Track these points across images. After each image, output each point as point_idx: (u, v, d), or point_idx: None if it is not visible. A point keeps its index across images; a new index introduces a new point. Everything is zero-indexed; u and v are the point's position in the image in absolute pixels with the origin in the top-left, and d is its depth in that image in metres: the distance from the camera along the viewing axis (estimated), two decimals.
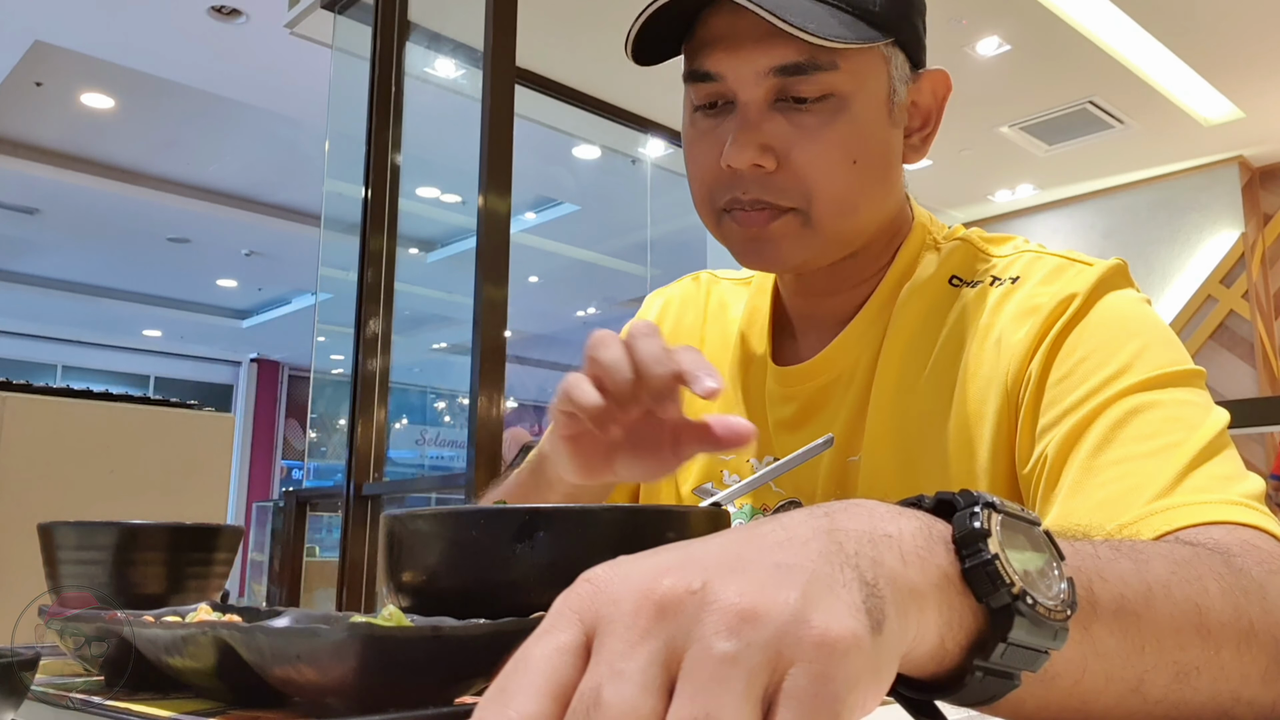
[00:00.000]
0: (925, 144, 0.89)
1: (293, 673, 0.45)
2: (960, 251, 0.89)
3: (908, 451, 0.83)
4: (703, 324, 1.03)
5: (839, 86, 0.80)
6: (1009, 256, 0.87)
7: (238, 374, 11.70)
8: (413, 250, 6.00)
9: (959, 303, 0.86)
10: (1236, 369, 5.41)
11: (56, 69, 5.10)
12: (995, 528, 0.37)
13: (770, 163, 0.80)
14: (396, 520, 0.57)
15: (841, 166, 0.81)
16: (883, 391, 0.85)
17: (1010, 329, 0.81)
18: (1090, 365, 0.75)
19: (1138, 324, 0.78)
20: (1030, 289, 0.82)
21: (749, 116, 0.81)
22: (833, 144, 0.80)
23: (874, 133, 0.82)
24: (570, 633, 0.30)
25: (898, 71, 0.84)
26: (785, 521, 0.34)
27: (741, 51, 0.79)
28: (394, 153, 3.23)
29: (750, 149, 0.80)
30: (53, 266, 8.71)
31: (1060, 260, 0.84)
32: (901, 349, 0.85)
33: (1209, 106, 4.99)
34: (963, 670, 0.36)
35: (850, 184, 0.82)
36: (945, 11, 4.07)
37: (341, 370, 4.05)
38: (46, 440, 2.13)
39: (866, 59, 0.81)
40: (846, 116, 0.80)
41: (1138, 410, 0.71)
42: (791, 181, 0.81)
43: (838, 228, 0.83)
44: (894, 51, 0.83)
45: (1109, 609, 0.44)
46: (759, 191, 0.82)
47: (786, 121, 0.80)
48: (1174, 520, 0.64)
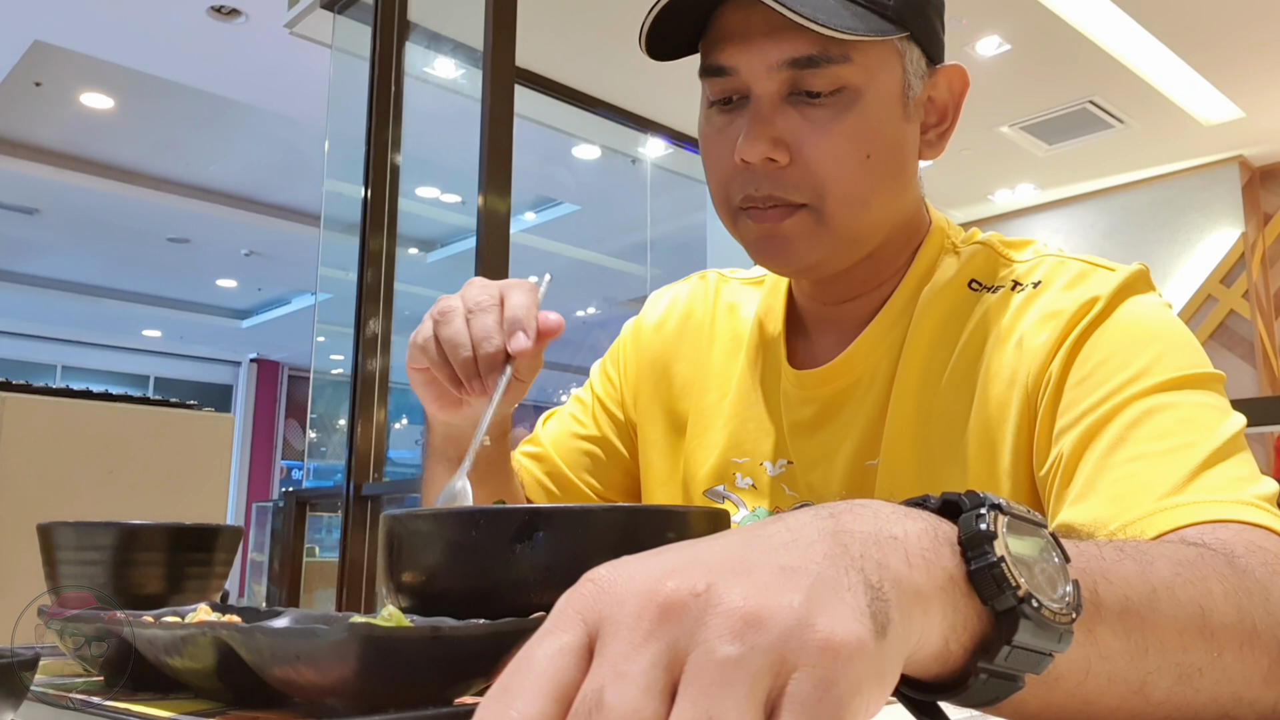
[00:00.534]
0: (942, 140, 0.88)
1: (292, 673, 0.45)
2: (980, 256, 0.89)
3: (928, 455, 0.83)
4: (712, 324, 1.02)
5: (851, 79, 0.80)
6: (1030, 261, 0.87)
7: (237, 374, 11.70)
8: (412, 250, 5.99)
9: (980, 307, 0.86)
10: (1237, 369, 5.41)
11: (56, 69, 5.10)
12: (1001, 530, 0.36)
13: (783, 156, 0.80)
14: (396, 520, 0.57)
15: (853, 160, 0.81)
16: (903, 395, 0.85)
17: (1032, 333, 0.81)
18: (1109, 368, 0.75)
19: (1158, 328, 0.78)
20: (1053, 294, 0.82)
21: (761, 110, 0.81)
22: (844, 137, 0.80)
23: (887, 127, 0.82)
24: (573, 633, 0.30)
25: (913, 66, 0.83)
26: (790, 522, 0.34)
27: (754, 45, 0.79)
28: (394, 153, 3.23)
29: (763, 142, 0.80)
30: (52, 267, 8.71)
31: (1083, 265, 0.84)
32: (923, 353, 0.85)
33: (1209, 106, 4.99)
34: (967, 672, 0.36)
35: (862, 178, 0.81)
36: (945, 11, 4.06)
37: (341, 370, 4.05)
38: (46, 440, 2.13)
39: (879, 52, 0.81)
40: (858, 110, 0.80)
41: (1153, 411, 0.71)
42: (804, 176, 0.81)
43: (850, 224, 0.83)
44: (909, 46, 0.83)
45: (1113, 611, 0.44)
46: (771, 187, 0.81)
47: (799, 115, 0.80)
48: (1182, 517, 0.64)
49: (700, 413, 0.99)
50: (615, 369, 1.10)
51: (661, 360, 1.04)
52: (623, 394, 1.07)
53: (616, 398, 1.08)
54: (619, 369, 1.09)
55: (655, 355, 1.05)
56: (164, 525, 0.74)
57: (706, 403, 0.99)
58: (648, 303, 1.11)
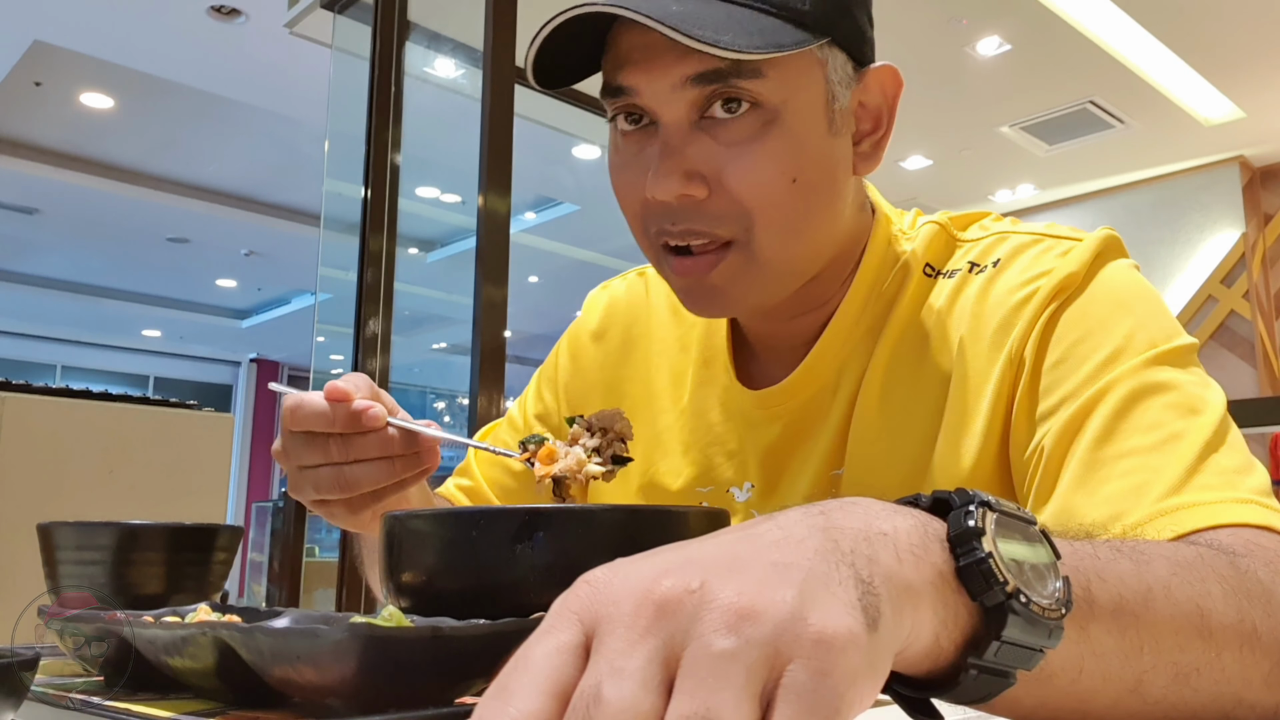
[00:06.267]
0: (878, 150, 0.80)
1: (292, 673, 0.45)
2: (932, 238, 0.84)
3: (895, 458, 0.79)
4: (656, 334, 0.96)
5: (767, 96, 0.72)
6: (983, 239, 0.83)
7: (237, 374, 11.69)
8: (412, 250, 5.98)
9: (938, 295, 0.81)
10: (1237, 369, 5.42)
11: (56, 69, 5.10)
12: (990, 526, 0.37)
13: (699, 190, 0.73)
14: (396, 520, 0.57)
15: (778, 186, 0.73)
16: (867, 398, 0.81)
17: (1002, 319, 0.77)
18: (1086, 348, 0.73)
19: (1130, 296, 0.75)
20: (1017, 273, 0.78)
21: (670, 141, 0.73)
22: (766, 161, 0.72)
23: (812, 145, 0.74)
24: (570, 633, 0.30)
25: (837, 74, 0.75)
26: (781, 520, 0.35)
27: (655, 64, 0.71)
28: (394, 153, 3.23)
29: (674, 178, 0.72)
30: (52, 266, 8.71)
31: (1043, 239, 0.80)
32: (886, 352, 0.81)
33: (1209, 106, 4.99)
34: (957, 668, 0.36)
35: (790, 205, 0.74)
36: (945, 11, 4.07)
37: (341, 370, 4.04)
38: (46, 440, 2.13)
39: (797, 64, 0.73)
40: (779, 130, 0.72)
41: (1137, 397, 0.69)
42: (726, 208, 0.73)
43: (783, 256, 0.76)
44: (831, 52, 0.75)
45: (1107, 609, 0.44)
46: (690, 221, 0.74)
47: (713, 141, 0.72)
48: (1183, 523, 0.62)
49: (655, 438, 0.93)
50: (551, 390, 1.02)
51: (607, 378, 0.98)
52: (559, 419, 1.00)
53: (555, 422, 1.00)
54: (554, 390, 1.02)
55: (600, 373, 0.98)
56: (164, 525, 0.74)
57: (660, 427, 0.93)
58: (585, 307, 1.03)
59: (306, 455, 0.73)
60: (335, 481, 0.72)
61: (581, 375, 0.99)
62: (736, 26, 0.69)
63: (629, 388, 0.96)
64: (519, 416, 1.04)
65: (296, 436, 0.73)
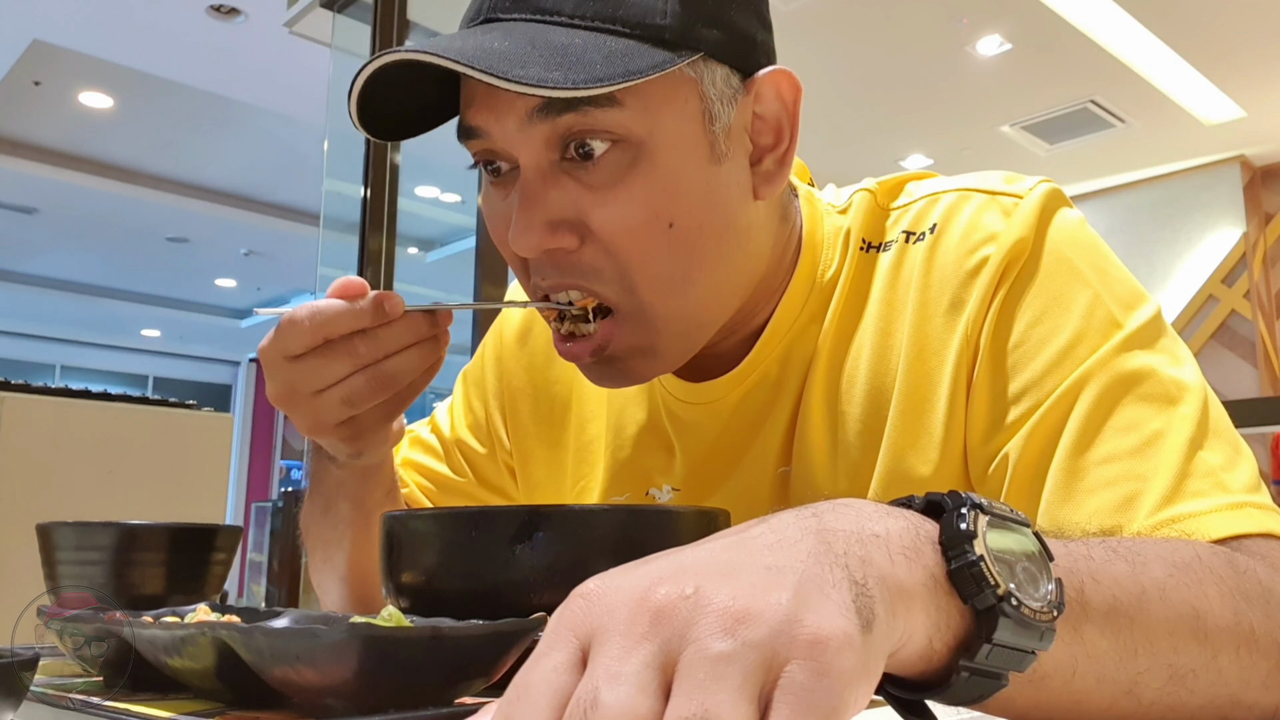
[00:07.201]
0: (783, 166, 0.70)
1: (292, 673, 0.45)
2: (865, 208, 0.77)
3: (842, 451, 0.73)
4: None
5: (627, 129, 0.62)
6: (914, 205, 0.75)
7: (236, 374, 11.69)
8: (412, 250, 5.99)
9: (878, 274, 0.74)
10: (1238, 369, 5.42)
11: (55, 68, 5.09)
12: (982, 529, 0.37)
13: (569, 240, 0.64)
14: (396, 520, 0.57)
15: (653, 232, 0.64)
16: (813, 391, 0.74)
17: (953, 295, 0.70)
18: (1045, 329, 0.67)
19: (1083, 262, 0.69)
20: (958, 236, 0.71)
21: (529, 188, 0.64)
22: (634, 206, 0.63)
23: (690, 180, 0.64)
24: (566, 651, 0.30)
25: (716, 90, 0.65)
26: (774, 523, 0.35)
27: (497, 101, 0.63)
28: (393, 152, 3.23)
29: (535, 232, 0.64)
30: (51, 266, 8.71)
31: (974, 194, 0.73)
32: (830, 342, 0.75)
33: (1210, 106, 4.99)
34: (949, 670, 0.36)
35: (672, 253, 0.65)
36: (945, 11, 4.06)
37: None
38: (45, 440, 2.13)
39: (662, 87, 0.63)
40: (646, 167, 0.63)
41: (1111, 393, 0.64)
42: (601, 260, 0.65)
43: (679, 313, 0.67)
44: (707, 66, 0.65)
45: (1100, 611, 0.44)
46: (563, 275, 0.66)
47: (576, 184, 0.64)
48: None
49: (584, 448, 0.87)
50: (480, 398, 0.95)
51: (534, 381, 0.91)
52: (490, 430, 0.93)
53: (486, 432, 0.94)
54: (483, 398, 0.95)
55: (527, 375, 0.92)
56: (163, 525, 0.74)
57: (589, 435, 0.87)
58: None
59: (332, 369, 0.64)
60: (374, 383, 0.64)
61: (508, 380, 0.93)
62: (573, 59, 0.59)
63: (557, 390, 0.90)
64: (446, 427, 0.96)
65: (312, 355, 0.64)
